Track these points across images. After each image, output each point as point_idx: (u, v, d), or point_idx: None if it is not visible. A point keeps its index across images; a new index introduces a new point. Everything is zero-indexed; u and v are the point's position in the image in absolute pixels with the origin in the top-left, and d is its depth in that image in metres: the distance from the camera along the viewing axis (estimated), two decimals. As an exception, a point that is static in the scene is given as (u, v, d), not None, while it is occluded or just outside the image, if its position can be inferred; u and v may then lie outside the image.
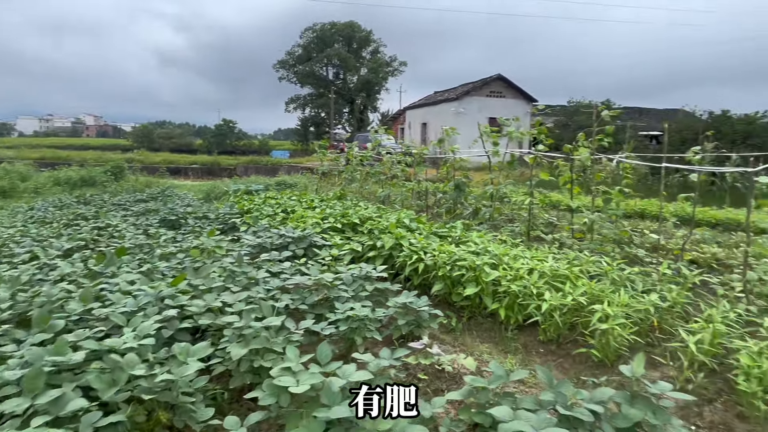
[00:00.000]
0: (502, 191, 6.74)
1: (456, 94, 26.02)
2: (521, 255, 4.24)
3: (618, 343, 3.02)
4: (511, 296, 3.57)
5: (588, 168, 5.09)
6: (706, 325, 3.01)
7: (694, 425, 2.50)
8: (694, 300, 3.84)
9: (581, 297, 3.34)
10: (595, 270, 4.08)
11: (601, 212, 5.13)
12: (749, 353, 2.66)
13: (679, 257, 5.04)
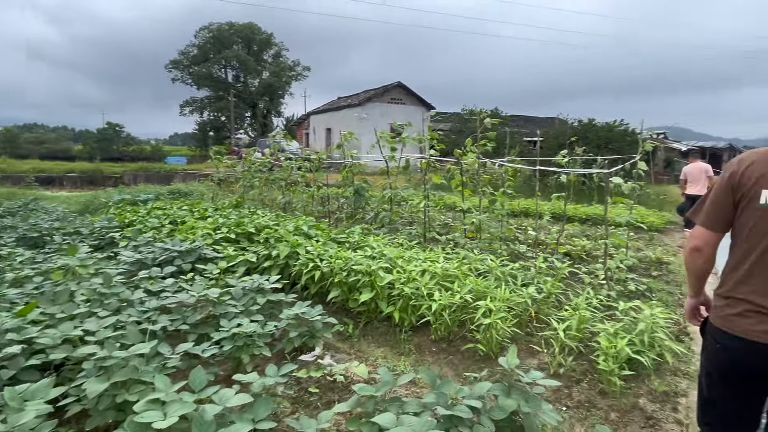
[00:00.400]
0: (400, 195, 6.91)
1: (359, 100, 26.35)
2: (415, 257, 4.36)
3: (500, 335, 3.21)
4: (404, 299, 3.63)
5: (475, 171, 5.40)
6: (573, 313, 3.34)
7: (565, 406, 2.72)
8: (565, 290, 4.25)
9: (468, 295, 3.50)
10: (482, 267, 4.33)
11: (488, 213, 5.48)
12: (607, 335, 2.98)
13: (555, 251, 5.57)
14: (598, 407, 2.69)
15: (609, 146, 14.86)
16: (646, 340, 3.00)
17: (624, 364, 2.86)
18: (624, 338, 2.92)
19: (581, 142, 16.10)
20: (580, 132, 16.44)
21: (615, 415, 2.62)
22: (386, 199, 6.85)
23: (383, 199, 7.16)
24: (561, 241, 6.30)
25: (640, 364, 2.93)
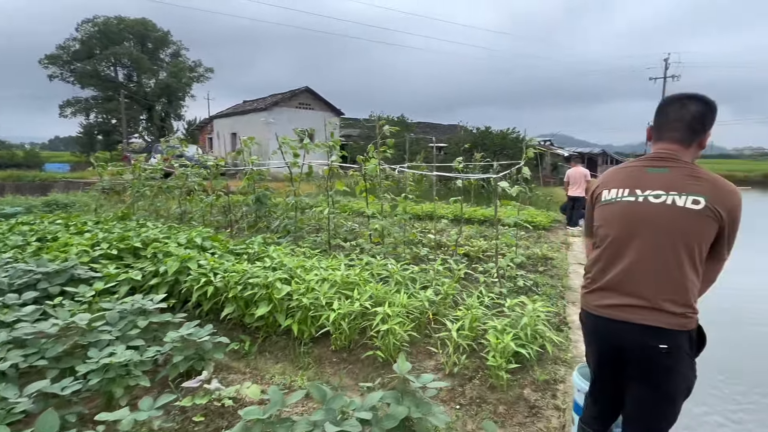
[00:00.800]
0: (305, 202, 6.76)
1: (265, 105, 25.55)
2: (316, 266, 4.26)
3: (398, 340, 3.25)
4: (303, 310, 3.52)
5: (376, 177, 5.46)
6: (467, 312, 3.49)
7: (458, 404, 2.81)
8: (462, 290, 4.44)
9: (367, 302, 3.50)
10: (384, 272, 4.38)
11: (391, 218, 5.58)
12: (495, 332, 3.16)
13: (455, 252, 5.83)
14: (488, 402, 2.82)
15: (504, 152, 16.06)
16: (529, 333, 3.23)
17: (511, 358, 3.05)
18: (510, 333, 3.11)
19: (479, 148, 17.31)
20: (478, 139, 17.54)
21: (503, 408, 2.77)
22: (290, 207, 6.66)
23: (287, 207, 6.96)
24: (460, 243, 6.61)
25: (525, 357, 3.14)
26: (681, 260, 1.62)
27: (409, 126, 25.15)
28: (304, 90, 26.49)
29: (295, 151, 6.83)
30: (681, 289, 1.63)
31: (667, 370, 1.67)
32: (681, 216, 1.61)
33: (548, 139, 27.25)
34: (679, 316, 1.64)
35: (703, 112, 1.69)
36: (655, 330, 1.64)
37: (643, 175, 1.73)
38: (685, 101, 1.71)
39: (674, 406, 1.74)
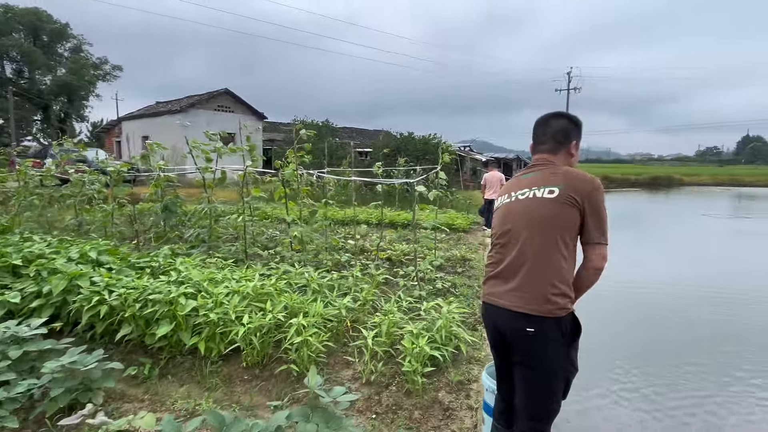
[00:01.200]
0: (220, 209, 6.39)
1: (180, 106, 24.03)
2: (228, 277, 4.01)
3: (314, 352, 3.13)
4: (211, 326, 3.28)
5: (295, 183, 5.30)
6: (384, 318, 3.46)
7: (374, 413, 2.76)
8: (382, 295, 4.43)
9: (282, 313, 3.35)
10: (303, 281, 4.23)
11: (311, 224, 5.44)
12: (410, 337, 3.16)
13: (376, 257, 5.83)
14: (404, 408, 2.81)
15: (426, 157, 16.51)
16: (444, 335, 3.28)
17: (426, 361, 3.06)
18: (425, 337, 3.13)
19: (402, 153, 17.66)
20: (401, 144, 17.86)
21: (418, 413, 2.77)
22: (203, 215, 6.26)
23: (200, 215, 6.54)
24: (383, 247, 6.63)
25: (440, 359, 3.17)
26: (546, 248, 1.77)
27: (333, 131, 25.01)
28: (223, 92, 25.30)
29: (207, 156, 6.44)
30: (547, 276, 1.76)
31: (538, 354, 1.80)
32: (539, 205, 1.81)
33: (468, 144, 28.54)
34: (545, 302, 1.76)
35: (564, 126, 1.96)
36: (523, 315, 1.78)
37: (519, 181, 2.00)
38: (548, 119, 2.00)
39: (551, 392, 1.83)
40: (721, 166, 76.56)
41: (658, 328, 5.30)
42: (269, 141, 28.95)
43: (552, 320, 1.76)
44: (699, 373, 4.08)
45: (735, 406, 3.55)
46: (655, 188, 37.63)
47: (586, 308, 5.08)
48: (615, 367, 4.20)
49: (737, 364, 4.26)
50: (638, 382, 3.92)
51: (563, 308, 1.78)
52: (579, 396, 3.60)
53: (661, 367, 4.20)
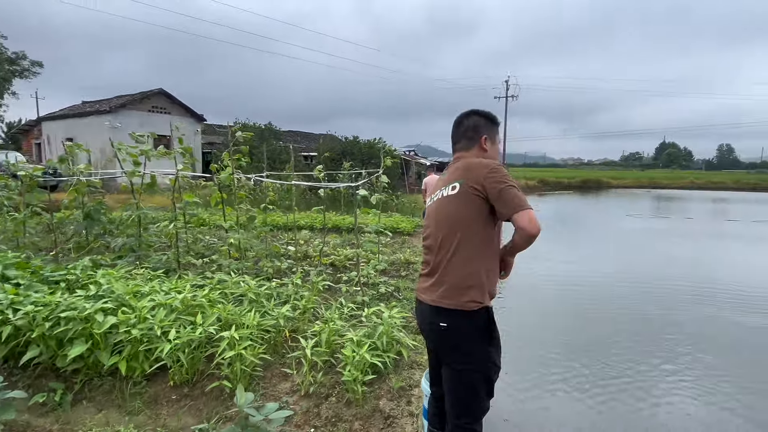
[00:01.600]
0: (150, 216, 5.98)
1: (110, 106, 22.44)
2: (156, 289, 3.73)
3: (249, 366, 2.97)
4: (133, 344, 3.01)
5: (231, 187, 5.06)
6: (324, 326, 3.36)
7: (313, 427, 2.65)
8: (323, 302, 4.31)
9: (214, 326, 3.15)
10: (239, 291, 4.02)
11: (248, 230, 5.21)
12: (351, 345, 3.08)
13: (319, 263, 5.69)
14: (344, 419, 2.72)
15: (371, 161, 16.52)
16: (386, 342, 3.23)
17: (367, 369, 3.00)
18: (366, 344, 3.06)
19: (348, 157, 17.56)
20: (346, 148, 17.76)
21: (359, 424, 2.69)
22: (130, 222, 5.82)
23: (128, 222, 6.08)
24: (326, 252, 6.50)
25: (382, 363, 3.11)
26: (457, 244, 1.80)
27: (276, 134, 24.41)
28: (158, 92, 23.92)
29: (135, 159, 6.02)
30: (460, 270, 1.80)
31: (454, 349, 1.83)
32: (446, 203, 1.87)
33: (413, 149, 28.95)
34: (458, 295, 1.79)
35: (474, 123, 2.00)
36: (438, 309, 1.83)
37: (438, 183, 2.06)
38: (461, 119, 2.05)
39: (473, 390, 1.84)
40: (643, 170, 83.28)
41: (590, 320, 5.59)
42: (209, 144, 27.78)
43: (465, 314, 1.78)
44: (624, 362, 4.32)
45: (653, 389, 3.79)
46: (586, 191, 40.18)
47: (522, 304, 5.26)
48: (550, 361, 4.35)
49: (652, 352, 4.56)
50: (572, 374, 4.07)
51: (476, 302, 1.78)
52: (515, 391, 3.68)
53: (592, 358, 4.40)
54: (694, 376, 4.04)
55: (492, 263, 1.86)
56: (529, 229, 1.70)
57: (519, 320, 5.54)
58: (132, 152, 5.73)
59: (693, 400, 3.61)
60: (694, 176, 54.84)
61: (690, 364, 4.30)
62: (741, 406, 3.52)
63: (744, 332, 5.22)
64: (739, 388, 3.81)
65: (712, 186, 46.79)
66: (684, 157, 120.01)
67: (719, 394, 3.72)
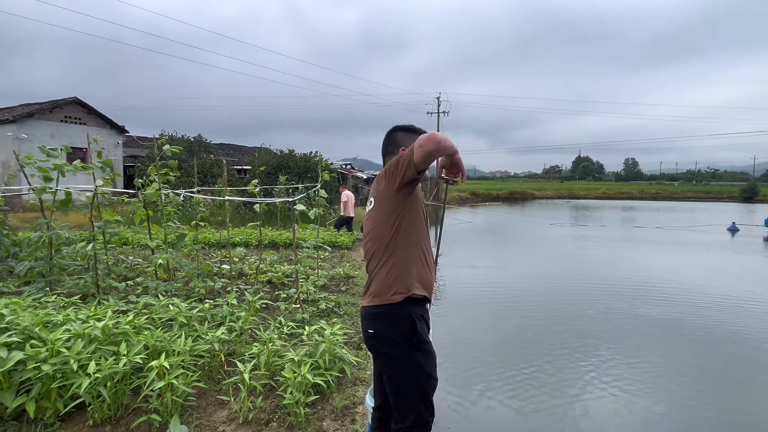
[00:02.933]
0: (63, 236, 5.44)
1: (14, 116, 20.25)
2: (72, 318, 3.37)
3: (180, 396, 2.77)
4: (45, 381, 2.70)
5: (158, 204, 4.74)
6: (263, 348, 3.22)
7: (253, 455, 2.51)
8: (261, 322, 4.15)
9: (140, 355, 2.90)
10: (168, 315, 3.75)
11: (177, 249, 4.90)
12: (291, 366, 2.98)
13: (256, 281, 5.48)
14: (287, 444, 2.61)
15: (308, 175, 16.30)
16: (328, 360, 3.16)
17: (309, 389, 2.91)
18: (307, 364, 2.98)
19: (284, 170, 17.22)
20: (282, 161, 17.40)
21: (302, 447, 2.59)
22: (39, 244, 5.25)
23: (36, 244, 5.48)
24: (263, 269, 6.28)
25: (325, 382, 3.04)
26: (378, 249, 1.85)
27: (207, 147, 23.38)
28: (71, 101, 21.99)
29: (46, 174, 5.47)
30: (384, 271, 1.81)
31: (381, 355, 1.84)
32: (369, 217, 1.95)
33: (349, 162, 29.03)
34: (383, 294, 1.79)
35: (393, 138, 2.04)
36: (368, 312, 1.85)
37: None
38: (385, 136, 2.09)
39: (407, 400, 1.79)
40: (562, 182, 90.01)
41: (526, 324, 5.87)
42: (132, 157, 25.97)
43: (390, 314, 1.78)
44: (558, 359, 4.58)
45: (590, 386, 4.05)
46: (513, 201, 42.62)
47: (461, 311, 5.33)
48: (490, 366, 4.50)
49: (580, 349, 4.90)
50: (513, 380, 4.24)
51: (399, 293, 1.77)
52: (461, 399, 3.76)
53: (528, 362, 4.62)
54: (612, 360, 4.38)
55: (414, 252, 1.83)
56: (422, 139, 1.60)
57: (458, 325, 5.69)
58: (43, 166, 5.22)
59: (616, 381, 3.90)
60: (606, 187, 60.24)
61: (609, 353, 4.66)
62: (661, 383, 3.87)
63: (649, 322, 5.77)
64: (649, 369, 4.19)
65: (621, 196, 51.72)
66: (597, 169, 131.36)
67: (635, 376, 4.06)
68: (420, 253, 1.85)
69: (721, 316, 6.30)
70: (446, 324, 5.79)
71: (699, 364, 4.68)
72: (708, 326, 5.86)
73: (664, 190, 55.44)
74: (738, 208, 35.10)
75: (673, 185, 69.17)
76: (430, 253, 1.94)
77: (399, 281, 1.78)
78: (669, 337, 5.48)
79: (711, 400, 3.90)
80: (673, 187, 61.10)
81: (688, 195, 51.53)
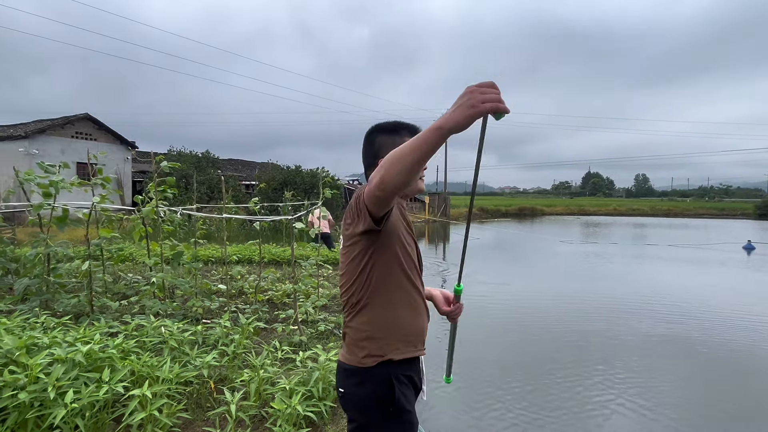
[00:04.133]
0: (60, 253, 5.36)
1: (26, 132, 20.62)
2: (57, 341, 3.25)
3: (163, 429, 2.61)
4: (21, 410, 2.56)
5: (156, 221, 4.65)
6: (254, 375, 3.06)
7: (237, 495, 2.34)
8: (256, 345, 3.99)
9: (122, 383, 2.75)
10: (159, 338, 3.61)
11: (174, 266, 4.79)
12: (282, 396, 2.81)
13: (255, 300, 5.33)
14: (274, 482, 2.43)
15: (314, 191, 16.26)
16: (322, 389, 2.99)
17: (301, 421, 2.74)
18: (299, 393, 2.81)
19: (290, 186, 17.20)
20: (288, 177, 17.40)
21: (290, 486, 2.41)
22: (36, 260, 5.18)
23: (34, 261, 5.42)
24: (263, 288, 6.14)
25: (317, 413, 2.87)
26: (352, 294, 1.45)
27: (215, 162, 23.54)
28: (83, 117, 22.37)
29: (46, 190, 5.43)
30: (356, 323, 1.45)
31: (353, 423, 1.46)
32: (342, 253, 1.51)
33: (357, 178, 29.05)
34: (355, 351, 1.43)
35: (374, 143, 1.57)
36: (340, 367, 1.50)
37: None
38: (363, 141, 1.65)
39: None
40: (571, 198, 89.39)
41: (536, 340, 5.64)
42: (141, 173, 26.25)
43: (361, 374, 1.42)
44: (564, 377, 4.34)
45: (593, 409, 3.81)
46: (522, 218, 42.20)
47: (474, 327, 4.94)
48: (501, 383, 4.28)
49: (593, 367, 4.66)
50: (524, 396, 4.01)
51: (372, 356, 1.41)
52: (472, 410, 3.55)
53: (539, 377, 4.39)
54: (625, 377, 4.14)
55: (395, 300, 1.44)
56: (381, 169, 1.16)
57: (469, 339, 5.48)
58: (42, 183, 5.18)
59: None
60: (616, 203, 59.58)
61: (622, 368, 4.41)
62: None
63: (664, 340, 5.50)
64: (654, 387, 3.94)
65: (632, 212, 51.00)
66: (607, 185, 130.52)
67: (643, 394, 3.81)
68: (404, 298, 1.47)
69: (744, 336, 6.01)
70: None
71: (731, 385, 4.41)
72: (740, 349, 5.58)
73: (676, 207, 54.66)
74: (753, 225, 34.41)
75: (686, 201, 68.26)
76: (419, 290, 1.53)
77: (372, 342, 1.41)
78: (689, 357, 5.20)
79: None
80: (686, 204, 60.29)
81: (701, 212, 50.71)
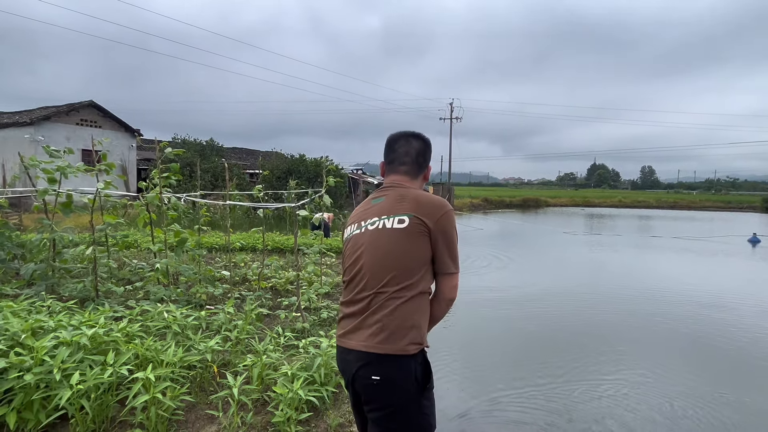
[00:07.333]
0: (66, 239, 5.39)
1: (31, 119, 20.66)
2: (62, 324, 3.28)
3: (167, 411, 2.64)
4: (27, 391, 2.60)
5: (160, 207, 4.67)
6: (256, 360, 3.09)
7: (239, 477, 2.37)
8: (259, 331, 4.02)
9: (127, 366, 2.79)
10: (163, 323, 3.64)
11: (178, 253, 4.81)
12: (284, 381, 2.83)
13: (258, 287, 5.37)
14: (276, 465, 2.46)
15: (318, 180, 16.26)
16: (323, 374, 3.01)
17: (303, 406, 2.76)
18: (301, 378, 2.83)
19: (294, 175, 17.22)
20: (293, 166, 17.39)
21: (291, 468, 2.44)
22: (41, 246, 5.22)
23: (39, 246, 5.46)
24: (266, 275, 6.17)
25: (319, 398, 2.89)
26: (400, 283, 1.54)
27: (219, 150, 23.53)
28: (87, 105, 22.37)
29: (51, 176, 5.45)
30: (400, 313, 1.52)
31: (384, 407, 1.52)
32: (390, 237, 1.58)
33: (361, 167, 29.01)
34: (396, 340, 1.50)
35: (423, 148, 1.79)
36: (369, 356, 1.51)
37: (369, 207, 1.74)
38: (410, 138, 1.79)
39: None
40: (576, 189, 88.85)
41: (543, 328, 5.66)
42: (146, 160, 26.31)
43: (402, 361, 1.50)
44: (570, 362, 4.37)
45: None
46: (527, 209, 42.05)
47: (483, 315, 4.92)
48: (514, 372, 4.30)
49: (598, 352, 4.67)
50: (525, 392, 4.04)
51: (415, 344, 1.53)
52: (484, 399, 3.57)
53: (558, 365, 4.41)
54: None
55: (428, 305, 1.64)
56: (453, 295, 1.64)
57: (480, 329, 5.50)
58: (47, 168, 5.20)
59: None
60: (621, 195, 59.21)
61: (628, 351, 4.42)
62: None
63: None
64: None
65: (638, 204, 50.67)
66: (612, 177, 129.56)
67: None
68: (428, 306, 1.65)
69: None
70: (463, 329, 5.60)
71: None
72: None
73: (682, 199, 54.25)
74: (759, 218, 34.13)
75: (692, 194, 67.73)
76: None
77: (416, 331, 1.53)
78: (704, 353, 5.21)
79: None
80: (692, 196, 59.81)
81: (707, 204, 50.31)
